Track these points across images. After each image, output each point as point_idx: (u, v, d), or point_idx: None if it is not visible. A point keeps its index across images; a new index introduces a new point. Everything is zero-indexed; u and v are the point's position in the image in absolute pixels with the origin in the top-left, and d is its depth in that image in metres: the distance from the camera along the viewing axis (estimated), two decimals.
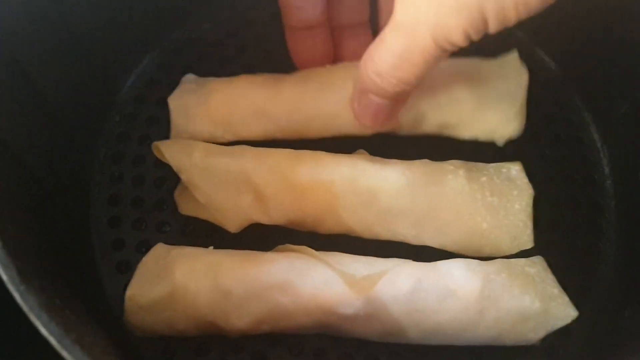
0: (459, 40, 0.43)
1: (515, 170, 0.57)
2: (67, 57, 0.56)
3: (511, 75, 0.58)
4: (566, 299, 0.51)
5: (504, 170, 0.57)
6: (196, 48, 0.66)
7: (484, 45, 0.46)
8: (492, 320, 0.50)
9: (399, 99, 0.51)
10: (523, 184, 0.56)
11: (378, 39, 0.47)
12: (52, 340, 0.34)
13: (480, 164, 0.57)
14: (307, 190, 0.53)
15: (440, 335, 0.51)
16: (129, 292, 0.50)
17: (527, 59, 0.64)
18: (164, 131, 0.61)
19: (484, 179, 0.55)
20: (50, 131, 0.54)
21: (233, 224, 0.54)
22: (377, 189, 0.53)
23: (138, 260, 0.56)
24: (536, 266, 0.53)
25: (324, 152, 0.56)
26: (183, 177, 0.54)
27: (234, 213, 0.54)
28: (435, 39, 0.43)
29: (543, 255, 0.55)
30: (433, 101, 0.57)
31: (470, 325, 0.50)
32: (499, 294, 0.50)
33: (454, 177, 0.54)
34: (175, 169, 0.54)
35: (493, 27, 0.42)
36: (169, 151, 0.54)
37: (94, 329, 0.44)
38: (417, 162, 0.56)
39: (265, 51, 0.66)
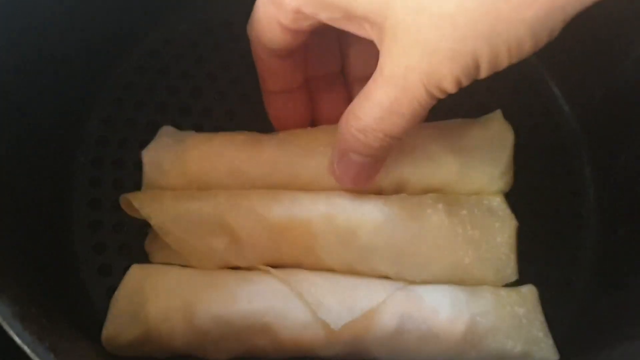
0: (450, 87, 0.42)
1: (496, 202, 0.55)
2: (43, 59, 0.55)
3: (495, 136, 0.57)
4: (550, 342, 0.51)
5: (485, 202, 0.55)
6: (172, 49, 0.66)
7: None
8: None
9: (382, 155, 0.50)
10: (505, 215, 0.55)
11: (361, 96, 0.46)
12: (26, 349, 0.34)
13: (462, 197, 0.56)
14: (284, 231, 0.52)
15: None
16: (105, 334, 0.50)
17: None
18: (143, 134, 0.61)
19: (464, 212, 0.54)
20: (27, 136, 0.54)
21: (207, 267, 0.53)
22: (356, 227, 0.52)
23: (120, 264, 0.57)
24: (526, 305, 0.52)
25: (300, 191, 0.55)
26: (153, 222, 0.52)
27: (208, 257, 0.53)
28: (427, 87, 0.42)
29: (524, 245, 0.55)
30: (415, 167, 0.56)
31: None
32: (482, 338, 0.50)
33: (433, 211, 0.53)
34: (144, 216, 0.53)
35: (484, 73, 0.41)
36: (137, 199, 0.53)
37: (74, 335, 0.44)
38: (395, 197, 0.55)
39: (241, 50, 0.65)
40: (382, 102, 0.44)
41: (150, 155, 0.57)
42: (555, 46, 0.64)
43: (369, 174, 0.52)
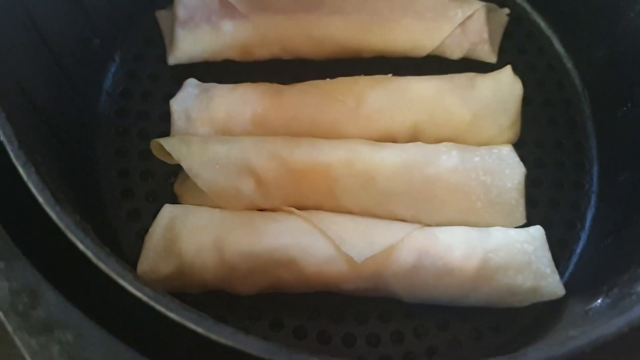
0: None
1: (506, 150, 0.58)
2: (74, 15, 0.58)
3: (505, 88, 0.60)
4: (556, 278, 0.54)
5: (495, 151, 0.58)
6: None
7: None
8: (483, 294, 0.54)
9: None
10: (514, 163, 0.57)
11: None
12: (89, 254, 0.37)
13: (472, 146, 0.58)
14: (305, 175, 0.55)
15: (432, 301, 0.55)
16: (139, 269, 0.53)
17: (508, 6, 0.68)
18: (165, 87, 0.64)
19: (476, 159, 0.57)
20: (59, 84, 0.56)
21: (235, 209, 0.56)
22: (375, 172, 0.55)
23: (148, 209, 0.59)
24: (535, 243, 0.54)
25: (321, 139, 0.58)
26: (184, 164, 0.55)
27: (236, 199, 0.56)
28: None
29: (531, 192, 0.59)
30: (429, 117, 0.59)
31: (461, 298, 0.54)
32: (494, 273, 0.53)
33: (448, 157, 0.56)
34: (175, 158, 0.55)
35: None
36: (168, 143, 0.56)
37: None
38: (411, 144, 0.58)
39: None
40: None
41: (178, 104, 0.60)
42: (560, 4, 0.67)
43: None
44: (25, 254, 0.38)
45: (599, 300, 0.47)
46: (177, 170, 0.59)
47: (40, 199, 0.37)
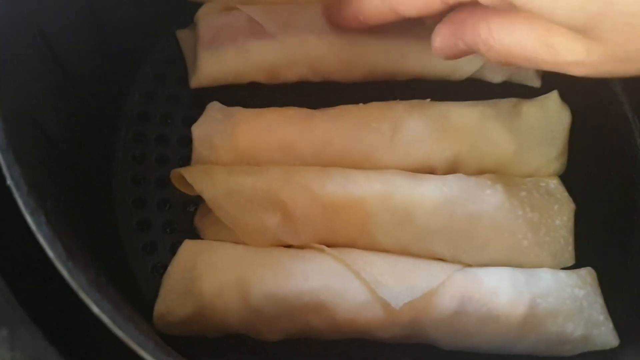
0: None
1: (553, 184, 0.55)
2: (90, 32, 0.54)
3: (552, 116, 0.57)
4: (610, 326, 0.50)
5: (542, 184, 0.55)
6: None
7: None
8: (529, 343, 0.50)
9: None
10: (563, 198, 0.54)
11: None
12: (105, 319, 0.33)
13: (517, 178, 0.55)
14: (337, 209, 0.51)
15: (473, 350, 0.51)
16: (157, 311, 0.49)
17: None
18: (186, 110, 0.61)
19: (523, 193, 0.53)
20: (74, 110, 0.53)
21: (260, 245, 0.52)
22: (413, 207, 0.51)
23: (164, 241, 0.56)
24: (586, 287, 0.51)
25: (354, 169, 0.54)
26: (206, 196, 0.51)
27: (261, 235, 0.51)
28: None
29: (578, 228, 0.54)
30: (471, 146, 0.55)
31: (505, 346, 0.50)
32: (542, 321, 0.49)
33: (492, 192, 0.52)
34: (197, 189, 0.52)
35: None
36: (189, 173, 0.52)
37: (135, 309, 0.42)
38: (452, 177, 0.54)
39: None
40: None
41: (200, 130, 0.56)
42: None
43: None
44: (33, 319, 0.34)
45: None
46: (196, 199, 0.55)
47: (51, 254, 0.33)
